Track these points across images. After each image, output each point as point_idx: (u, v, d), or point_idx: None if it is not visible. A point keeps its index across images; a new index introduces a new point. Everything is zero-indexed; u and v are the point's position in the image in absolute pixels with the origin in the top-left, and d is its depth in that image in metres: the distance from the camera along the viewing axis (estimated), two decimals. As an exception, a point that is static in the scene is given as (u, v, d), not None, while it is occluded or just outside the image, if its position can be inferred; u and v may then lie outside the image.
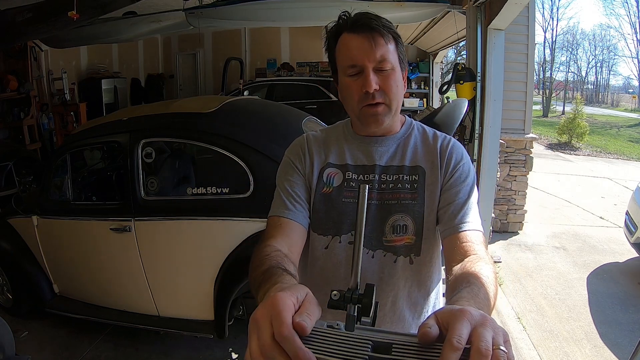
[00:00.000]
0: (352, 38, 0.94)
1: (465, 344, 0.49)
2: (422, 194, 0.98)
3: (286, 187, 1.01)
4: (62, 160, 2.69)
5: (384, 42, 0.93)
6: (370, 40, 0.92)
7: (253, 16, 4.73)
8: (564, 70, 28.42)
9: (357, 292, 0.72)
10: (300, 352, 0.49)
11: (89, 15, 3.58)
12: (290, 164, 1.05)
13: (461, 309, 0.53)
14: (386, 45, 0.93)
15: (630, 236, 3.84)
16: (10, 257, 2.85)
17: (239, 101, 2.80)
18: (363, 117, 0.97)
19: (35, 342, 2.74)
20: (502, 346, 0.49)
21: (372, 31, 0.92)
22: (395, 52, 0.95)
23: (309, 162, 1.04)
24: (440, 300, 1.09)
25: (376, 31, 0.92)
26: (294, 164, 1.05)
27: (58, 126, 6.45)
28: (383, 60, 0.93)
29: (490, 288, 0.78)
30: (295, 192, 1.01)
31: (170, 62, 10.33)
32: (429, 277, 1.02)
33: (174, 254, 2.41)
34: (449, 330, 0.50)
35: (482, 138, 3.60)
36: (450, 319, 0.52)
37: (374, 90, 0.92)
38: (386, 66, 0.93)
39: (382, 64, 0.93)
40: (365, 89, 0.92)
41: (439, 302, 1.09)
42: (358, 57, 0.93)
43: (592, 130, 14.71)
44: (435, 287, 1.06)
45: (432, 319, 0.54)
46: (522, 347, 2.75)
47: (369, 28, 0.92)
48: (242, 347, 2.67)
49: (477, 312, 0.53)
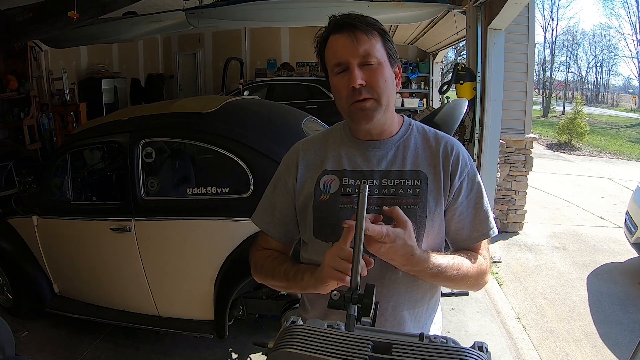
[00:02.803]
0: (337, 38, 0.96)
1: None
2: (425, 199, 0.98)
3: (268, 197, 1.11)
4: (62, 160, 2.68)
5: (367, 38, 0.94)
6: (352, 37, 0.94)
7: (253, 16, 4.74)
8: (564, 70, 28.48)
9: (357, 292, 0.72)
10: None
11: (89, 15, 3.58)
12: (280, 178, 1.10)
13: (408, 227, 0.87)
14: (370, 40, 0.94)
15: (630, 236, 3.84)
16: (10, 257, 2.85)
17: (239, 101, 2.80)
18: (353, 114, 0.97)
19: (35, 342, 2.74)
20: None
21: (354, 29, 0.94)
22: (382, 48, 0.96)
23: (301, 174, 1.06)
24: (435, 302, 1.09)
25: (358, 28, 0.94)
26: (282, 179, 1.09)
27: (58, 126, 6.44)
28: (367, 55, 0.94)
29: (466, 264, 0.97)
30: (275, 206, 1.09)
31: (170, 62, 10.33)
32: (430, 283, 1.01)
33: (174, 254, 2.41)
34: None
35: (482, 138, 3.60)
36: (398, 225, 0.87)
37: (359, 85, 0.93)
38: (371, 61, 0.94)
39: (367, 59, 0.94)
40: (351, 84, 0.93)
41: (435, 305, 1.08)
42: (342, 55, 0.94)
43: (592, 130, 14.70)
44: (432, 289, 1.05)
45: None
46: (522, 347, 2.74)
47: (351, 26, 0.94)
48: (242, 347, 2.67)
49: (409, 239, 0.87)
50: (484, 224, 1.02)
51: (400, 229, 0.86)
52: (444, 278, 0.95)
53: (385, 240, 0.83)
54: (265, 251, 1.10)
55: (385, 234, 0.83)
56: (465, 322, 3.00)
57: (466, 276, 0.97)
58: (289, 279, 1.00)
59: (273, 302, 2.41)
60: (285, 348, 0.58)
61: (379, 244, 0.84)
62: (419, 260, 0.89)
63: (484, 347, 0.61)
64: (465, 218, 1.01)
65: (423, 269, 0.91)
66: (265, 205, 1.11)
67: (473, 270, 0.98)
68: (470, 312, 3.12)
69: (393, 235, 0.84)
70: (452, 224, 1.02)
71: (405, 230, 0.86)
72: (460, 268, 0.96)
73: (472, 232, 1.02)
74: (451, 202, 1.01)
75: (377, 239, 0.83)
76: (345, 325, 0.67)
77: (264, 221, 1.11)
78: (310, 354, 0.55)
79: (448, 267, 0.94)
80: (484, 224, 1.02)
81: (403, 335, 0.62)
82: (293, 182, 1.06)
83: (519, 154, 4.67)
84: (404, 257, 0.88)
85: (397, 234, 0.85)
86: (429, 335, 0.65)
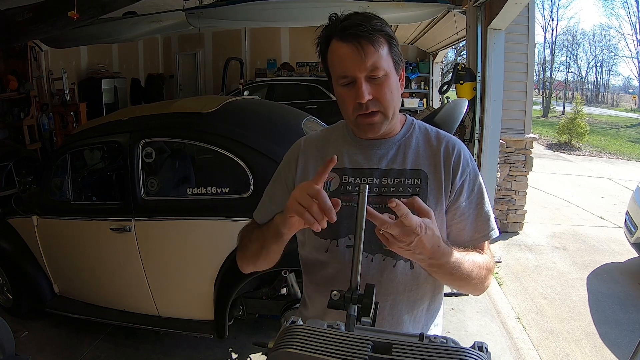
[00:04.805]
0: (342, 47, 0.91)
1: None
2: (425, 198, 0.97)
3: (267, 192, 1.11)
4: (62, 160, 2.69)
5: (374, 49, 0.90)
6: (360, 49, 0.89)
7: (253, 16, 4.74)
8: (564, 70, 28.48)
9: (357, 292, 0.72)
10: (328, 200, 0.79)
11: (89, 15, 3.58)
12: (280, 172, 1.10)
13: (430, 215, 0.83)
14: (377, 51, 0.91)
15: (630, 236, 3.84)
16: (10, 257, 2.85)
17: (239, 101, 2.80)
18: (359, 126, 0.97)
19: (35, 342, 2.74)
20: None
21: (360, 39, 0.89)
22: (388, 56, 0.93)
23: (301, 169, 1.05)
24: (438, 304, 1.08)
25: (365, 39, 0.89)
26: (282, 174, 1.09)
27: (58, 126, 6.45)
28: (375, 69, 0.91)
29: (479, 258, 0.96)
30: (272, 200, 1.08)
31: (170, 62, 10.33)
32: (429, 282, 1.01)
33: (174, 254, 2.41)
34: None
35: (482, 138, 3.60)
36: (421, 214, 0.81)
37: (367, 100, 0.91)
38: (378, 74, 0.91)
39: (374, 72, 0.91)
40: (358, 100, 0.92)
41: (437, 307, 1.07)
42: (349, 68, 0.91)
43: (592, 130, 14.70)
44: (434, 291, 1.05)
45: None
46: (522, 347, 2.74)
47: (357, 36, 0.90)
48: (242, 347, 2.67)
49: (432, 226, 0.82)
50: (485, 225, 1.01)
51: (428, 219, 0.82)
52: (460, 274, 0.92)
53: (419, 231, 0.79)
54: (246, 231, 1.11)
55: (418, 225, 0.79)
56: (465, 322, 3.00)
57: (478, 273, 0.95)
58: (263, 235, 1.00)
59: (273, 302, 2.42)
60: (285, 348, 0.58)
61: (404, 242, 0.80)
62: (444, 252, 0.87)
63: (484, 347, 0.61)
64: (466, 219, 1.00)
65: (445, 262, 0.88)
66: (264, 200, 1.11)
67: (484, 267, 0.97)
68: (470, 312, 3.12)
69: (424, 225, 0.80)
70: (453, 224, 1.01)
71: (431, 219, 0.83)
72: (474, 264, 0.94)
73: (474, 233, 1.01)
74: (452, 202, 0.99)
75: (413, 229, 0.78)
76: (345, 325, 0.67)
77: (261, 215, 1.10)
78: (310, 354, 0.55)
79: (464, 261, 0.92)
80: (485, 225, 1.01)
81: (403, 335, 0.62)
82: (293, 178, 1.06)
83: (519, 154, 4.67)
84: (432, 250, 0.84)
85: (428, 224, 0.81)
86: (429, 335, 0.65)
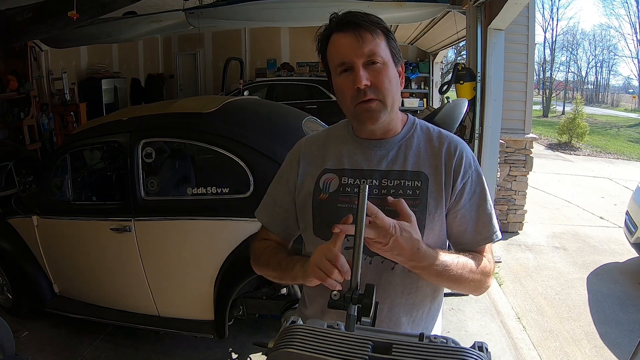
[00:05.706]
0: (340, 37, 0.94)
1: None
2: (425, 201, 0.97)
3: (270, 193, 1.13)
4: (62, 160, 2.68)
5: (372, 37, 0.92)
6: (357, 36, 0.92)
7: (253, 16, 4.73)
8: (564, 70, 28.47)
9: (357, 292, 0.72)
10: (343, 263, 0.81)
11: (89, 15, 3.58)
12: (282, 174, 1.11)
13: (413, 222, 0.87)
14: (374, 40, 0.93)
15: (630, 236, 3.84)
16: (10, 257, 2.85)
17: (239, 101, 2.80)
18: (358, 115, 0.96)
19: (35, 342, 2.74)
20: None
21: (358, 27, 0.92)
22: (386, 48, 0.95)
23: (302, 170, 1.06)
24: (438, 306, 1.08)
25: (362, 27, 0.92)
26: (284, 175, 1.10)
27: (58, 126, 6.44)
28: (372, 55, 0.92)
29: (471, 264, 0.96)
30: (275, 202, 1.11)
31: (170, 62, 10.32)
32: (428, 285, 1.01)
33: (174, 254, 2.41)
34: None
35: (482, 138, 3.59)
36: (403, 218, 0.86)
37: (364, 85, 0.92)
38: (376, 60, 0.93)
39: (372, 58, 0.92)
40: (356, 85, 0.92)
41: (437, 309, 1.07)
42: (346, 54, 0.93)
43: (592, 130, 14.69)
44: (434, 294, 1.04)
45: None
46: (522, 347, 2.74)
47: (355, 25, 0.92)
48: (242, 347, 2.67)
49: (414, 232, 0.86)
50: (487, 228, 1.00)
51: (406, 222, 0.86)
52: (448, 277, 0.93)
53: (393, 231, 0.83)
54: (264, 242, 1.13)
55: (392, 226, 0.83)
56: (465, 322, 3.00)
57: (470, 276, 0.95)
58: (282, 269, 1.01)
59: (273, 302, 2.41)
60: (285, 348, 0.58)
61: (381, 243, 0.84)
62: (425, 255, 0.88)
63: (484, 347, 0.61)
64: (467, 221, 0.99)
65: (429, 265, 0.90)
66: (267, 200, 1.13)
67: (477, 271, 0.96)
68: (470, 312, 3.12)
69: (399, 226, 0.84)
70: (454, 226, 1.00)
71: (410, 223, 0.86)
72: (464, 267, 0.94)
73: (475, 235, 1.00)
74: (453, 204, 0.98)
75: (386, 230, 0.82)
76: (345, 325, 0.67)
77: (265, 216, 1.13)
78: (310, 354, 0.55)
79: (453, 265, 0.93)
80: (487, 227, 1.00)
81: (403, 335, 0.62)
82: (294, 178, 1.06)
83: (519, 154, 4.67)
84: (411, 251, 0.86)
85: (404, 227, 0.85)
86: (428, 335, 0.65)
